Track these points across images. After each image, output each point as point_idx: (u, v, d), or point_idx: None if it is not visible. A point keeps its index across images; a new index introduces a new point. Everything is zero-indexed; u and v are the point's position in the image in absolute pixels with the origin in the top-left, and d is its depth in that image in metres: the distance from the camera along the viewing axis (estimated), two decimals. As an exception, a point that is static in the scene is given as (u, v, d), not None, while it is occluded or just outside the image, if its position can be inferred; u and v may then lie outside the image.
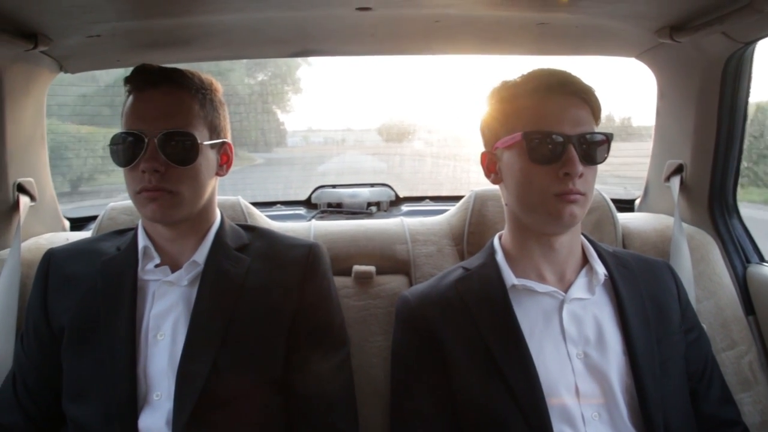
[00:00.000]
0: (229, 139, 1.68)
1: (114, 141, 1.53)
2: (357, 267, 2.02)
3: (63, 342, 1.55)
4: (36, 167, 2.22)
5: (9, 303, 1.84)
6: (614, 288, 1.53)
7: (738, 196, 2.23)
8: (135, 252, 1.60)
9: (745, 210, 2.25)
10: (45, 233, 2.23)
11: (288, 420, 1.59)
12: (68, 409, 1.52)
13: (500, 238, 1.65)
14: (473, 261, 1.65)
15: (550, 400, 1.39)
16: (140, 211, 1.56)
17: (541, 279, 1.53)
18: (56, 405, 1.56)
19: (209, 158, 1.59)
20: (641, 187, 2.60)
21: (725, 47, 1.92)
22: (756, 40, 1.87)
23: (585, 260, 1.57)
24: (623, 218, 2.19)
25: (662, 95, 2.36)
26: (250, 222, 2.01)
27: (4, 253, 1.97)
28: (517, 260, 1.56)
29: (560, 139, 1.41)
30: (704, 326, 1.70)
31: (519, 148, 1.46)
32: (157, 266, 1.59)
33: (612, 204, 2.11)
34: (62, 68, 2.18)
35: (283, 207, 3.02)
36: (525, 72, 1.53)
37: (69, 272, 1.62)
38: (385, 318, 1.93)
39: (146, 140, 1.48)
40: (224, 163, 1.66)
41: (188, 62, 2.35)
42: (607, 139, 1.47)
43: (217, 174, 1.65)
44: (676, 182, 2.25)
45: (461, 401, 1.47)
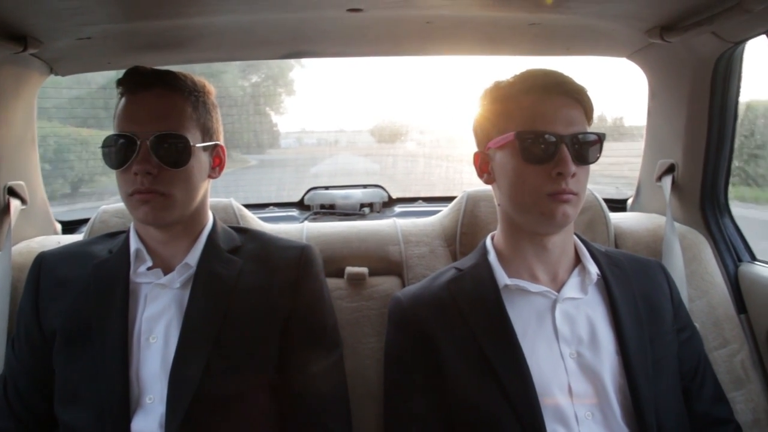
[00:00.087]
0: (222, 142, 1.68)
1: (106, 143, 1.52)
2: (350, 268, 2.01)
3: (55, 346, 1.54)
4: (27, 170, 2.21)
5: (0, 307, 1.83)
6: (607, 287, 1.53)
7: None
8: (127, 255, 1.60)
9: (735, 209, 2.26)
10: (36, 236, 2.22)
11: (281, 422, 1.58)
12: (60, 414, 1.51)
13: (492, 239, 1.65)
14: (466, 261, 1.65)
15: (544, 400, 1.39)
16: (132, 214, 1.56)
17: (534, 279, 1.53)
18: (48, 409, 1.55)
19: (202, 161, 1.59)
20: (627, 185, 2.61)
21: (715, 47, 1.93)
22: (745, 40, 1.88)
23: (577, 260, 1.58)
24: (615, 218, 2.19)
25: (653, 95, 2.37)
26: (243, 224, 2.01)
27: None
28: (510, 260, 1.56)
29: (553, 139, 1.42)
30: (697, 325, 1.70)
31: (512, 148, 1.46)
32: (150, 269, 1.58)
33: (604, 204, 2.12)
34: (52, 71, 2.17)
35: (276, 209, 3.02)
36: (517, 72, 1.53)
37: (60, 276, 1.61)
38: (378, 319, 1.92)
39: (138, 142, 1.48)
40: (216, 166, 1.66)
41: (180, 64, 2.34)
42: (600, 139, 1.47)
43: (210, 176, 1.65)
44: (668, 182, 2.26)
45: (455, 402, 1.47)
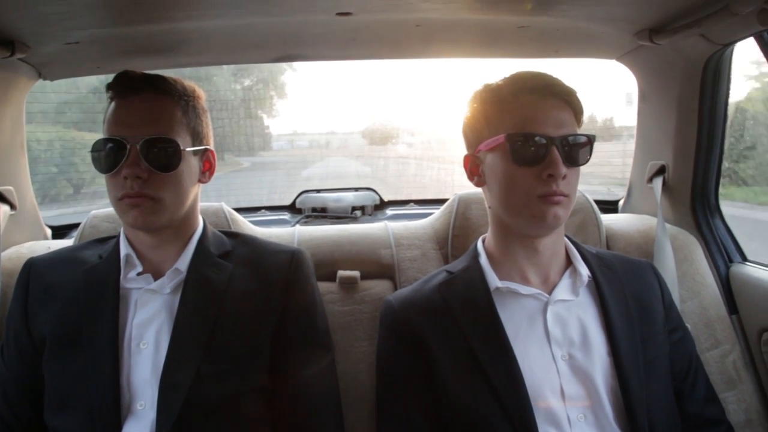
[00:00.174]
0: (212, 146, 1.67)
1: (95, 147, 1.52)
2: (341, 272, 2.01)
3: (44, 352, 1.53)
4: (16, 175, 2.20)
5: None
6: (598, 289, 1.53)
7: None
8: (117, 260, 1.59)
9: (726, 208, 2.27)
10: (26, 242, 2.21)
11: (273, 427, 1.58)
12: (50, 421, 1.50)
13: (483, 241, 1.65)
14: (457, 264, 1.65)
15: (536, 403, 1.38)
16: (122, 218, 1.55)
17: (525, 281, 1.53)
18: (38, 417, 1.54)
19: (192, 165, 1.58)
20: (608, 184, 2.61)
21: (704, 49, 1.94)
22: (734, 42, 1.89)
23: (569, 262, 1.58)
24: (607, 219, 2.19)
25: (643, 97, 2.37)
26: (234, 228, 2.00)
27: None
28: (501, 263, 1.56)
29: (543, 141, 1.42)
30: (688, 326, 1.70)
31: (502, 151, 1.46)
32: (140, 274, 1.57)
33: (595, 205, 2.12)
34: (41, 75, 2.16)
35: (268, 212, 3.01)
36: (507, 75, 1.53)
37: (50, 281, 1.60)
38: (370, 323, 1.92)
39: (128, 146, 1.47)
40: (207, 170, 1.65)
41: (170, 68, 2.33)
42: (590, 141, 1.48)
43: (200, 181, 1.64)
44: (659, 183, 2.26)
45: (447, 405, 1.46)
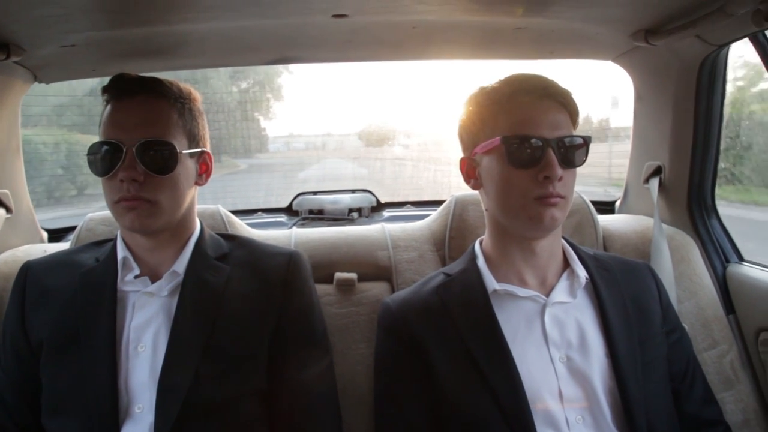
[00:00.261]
0: (208, 149, 1.67)
1: (92, 150, 1.51)
2: (338, 274, 2.01)
3: (42, 356, 1.52)
4: (12, 179, 2.19)
5: None
6: (595, 291, 1.53)
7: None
8: (114, 263, 1.58)
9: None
10: (22, 245, 2.20)
11: (272, 429, 1.57)
12: (48, 425, 1.50)
13: (481, 243, 1.65)
14: (454, 266, 1.65)
15: (534, 405, 1.39)
16: (119, 221, 1.55)
17: (523, 283, 1.53)
18: (35, 421, 1.53)
19: (188, 167, 1.58)
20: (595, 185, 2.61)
21: (700, 50, 1.94)
22: (729, 43, 1.89)
23: (566, 264, 1.58)
24: (603, 220, 2.19)
25: (639, 98, 2.38)
26: (231, 231, 2.00)
27: None
28: (498, 265, 1.56)
29: (539, 143, 1.42)
30: (685, 326, 1.71)
31: (498, 153, 1.47)
32: (137, 277, 1.57)
33: (592, 206, 2.12)
34: (36, 78, 2.15)
35: (264, 214, 3.00)
36: (502, 77, 1.53)
37: (47, 285, 1.60)
38: (368, 325, 1.92)
39: (124, 149, 1.47)
40: (203, 173, 1.65)
41: (166, 71, 2.33)
42: (586, 143, 1.48)
43: (196, 183, 1.64)
44: (655, 184, 2.26)
45: (445, 407, 1.46)
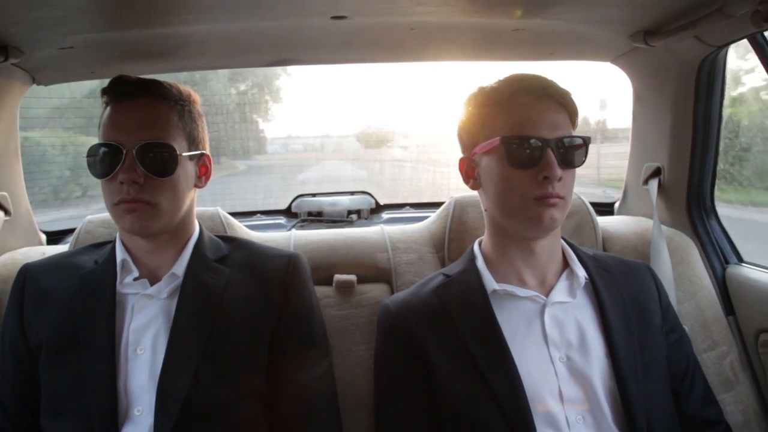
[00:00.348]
0: (208, 151, 1.67)
1: (91, 152, 1.51)
2: (338, 276, 2.00)
3: (41, 358, 1.52)
4: (10, 181, 2.19)
5: None
6: (595, 291, 1.53)
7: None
8: (113, 265, 1.58)
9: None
10: (21, 248, 2.19)
11: (271, 431, 1.57)
12: (46, 427, 1.50)
13: (480, 244, 1.65)
14: (454, 267, 1.65)
15: (534, 405, 1.38)
16: (118, 223, 1.55)
17: (522, 283, 1.53)
18: (34, 423, 1.53)
19: (188, 170, 1.58)
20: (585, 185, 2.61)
21: (698, 51, 1.94)
22: (728, 44, 1.89)
23: (565, 264, 1.58)
24: (603, 222, 2.19)
25: (638, 99, 2.38)
26: (230, 233, 2.00)
27: None
28: (498, 265, 1.56)
29: (538, 144, 1.42)
30: (685, 328, 1.70)
31: (497, 153, 1.47)
32: (136, 279, 1.57)
33: (591, 208, 2.12)
34: (35, 80, 2.15)
35: (263, 216, 3.00)
36: (502, 77, 1.53)
37: (46, 287, 1.59)
38: (367, 327, 1.92)
39: (124, 151, 1.47)
40: (203, 175, 1.65)
41: (165, 73, 2.33)
42: (585, 143, 1.48)
43: (196, 186, 1.64)
44: (654, 185, 2.26)
45: (445, 408, 1.46)
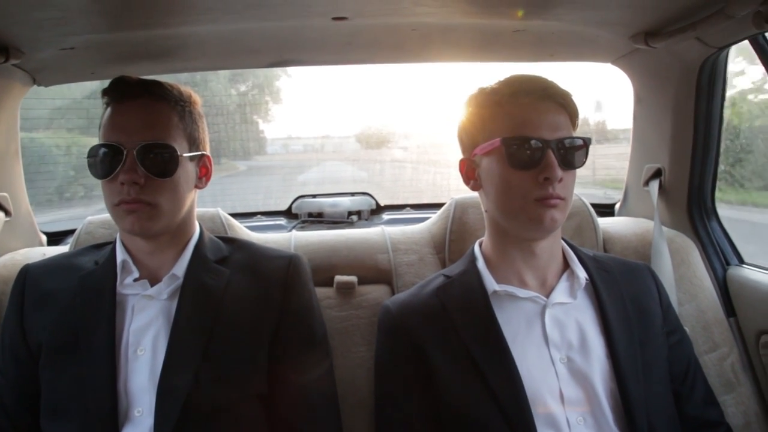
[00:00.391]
0: (208, 152, 1.67)
1: (92, 153, 1.51)
2: (338, 277, 2.00)
3: (41, 359, 1.52)
4: (10, 182, 2.19)
5: None
6: (595, 292, 1.53)
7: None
8: (113, 266, 1.58)
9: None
10: (21, 248, 2.19)
11: None
12: (47, 428, 1.50)
13: (480, 245, 1.65)
14: (454, 268, 1.65)
15: (535, 406, 1.38)
16: (118, 224, 1.54)
17: (523, 284, 1.53)
18: (34, 424, 1.53)
19: (188, 170, 1.58)
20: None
21: (700, 52, 1.94)
22: (729, 45, 1.89)
23: (566, 265, 1.58)
24: (603, 223, 2.19)
25: (639, 100, 2.37)
26: (230, 234, 2.00)
27: None
28: (498, 266, 1.56)
29: (539, 145, 1.42)
30: (686, 329, 1.70)
31: (498, 154, 1.46)
32: (136, 280, 1.57)
33: (592, 209, 2.11)
34: (35, 81, 2.15)
35: (264, 218, 3.00)
36: (502, 78, 1.53)
37: (46, 288, 1.59)
38: (368, 328, 1.91)
39: (125, 152, 1.47)
40: (203, 176, 1.65)
41: (165, 74, 2.33)
42: (585, 144, 1.48)
43: (196, 186, 1.64)
44: (655, 186, 2.26)
45: (446, 409, 1.46)
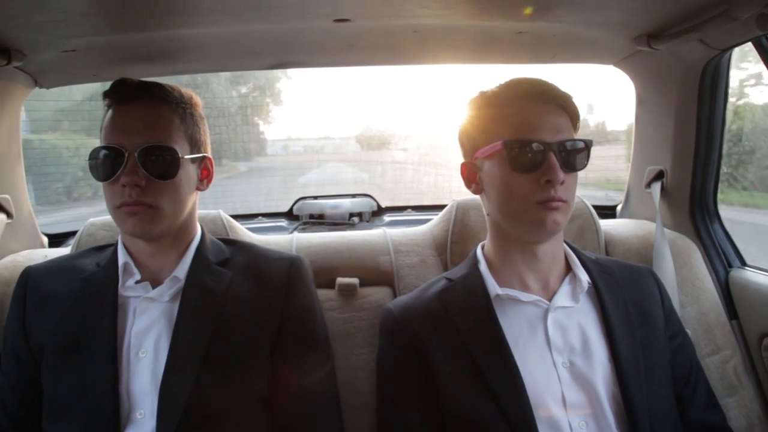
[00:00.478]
0: (209, 154, 1.66)
1: (93, 155, 1.51)
2: (340, 279, 2.00)
3: (43, 361, 1.52)
4: (12, 184, 2.19)
5: None
6: (598, 295, 1.52)
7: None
8: (115, 268, 1.58)
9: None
10: (22, 250, 2.19)
11: None
12: (48, 430, 1.50)
13: (483, 248, 1.65)
14: (456, 271, 1.65)
15: (537, 410, 1.38)
16: (120, 226, 1.54)
17: (525, 288, 1.53)
18: (36, 426, 1.53)
19: (190, 172, 1.58)
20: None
21: (702, 54, 1.94)
22: (732, 47, 1.89)
23: (568, 268, 1.57)
24: (605, 225, 2.19)
25: (641, 102, 2.37)
26: (232, 235, 1.99)
27: None
28: (501, 269, 1.56)
29: (540, 147, 1.41)
30: (688, 332, 1.70)
31: (499, 157, 1.46)
32: (138, 282, 1.57)
33: (594, 211, 2.11)
34: (37, 83, 2.15)
35: (265, 219, 3.00)
36: (503, 81, 1.53)
37: (48, 290, 1.59)
38: (370, 330, 1.91)
39: (126, 154, 1.46)
40: (204, 178, 1.65)
41: (166, 76, 2.33)
42: (587, 146, 1.47)
43: (198, 188, 1.64)
44: (657, 188, 2.26)
45: (447, 413, 1.46)
